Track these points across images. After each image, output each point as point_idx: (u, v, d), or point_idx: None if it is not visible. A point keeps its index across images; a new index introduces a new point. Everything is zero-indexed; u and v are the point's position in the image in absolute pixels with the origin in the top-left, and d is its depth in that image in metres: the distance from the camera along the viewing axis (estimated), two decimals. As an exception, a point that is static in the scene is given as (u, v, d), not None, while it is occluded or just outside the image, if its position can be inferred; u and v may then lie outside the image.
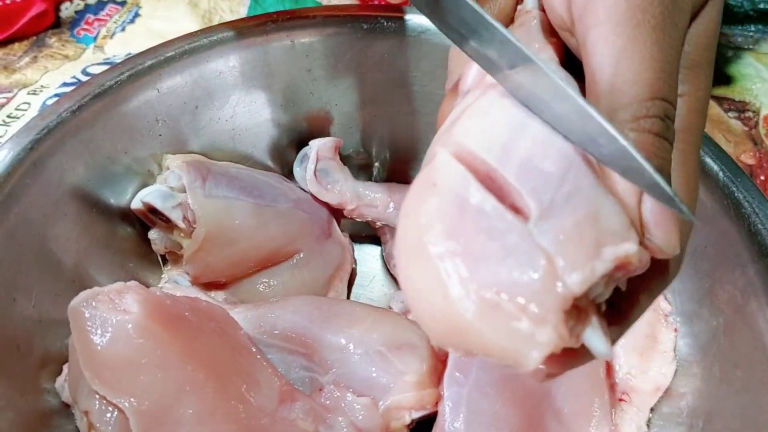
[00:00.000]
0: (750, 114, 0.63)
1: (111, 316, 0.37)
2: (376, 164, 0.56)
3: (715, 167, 0.40)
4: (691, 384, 0.41)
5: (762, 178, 0.57)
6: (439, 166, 0.24)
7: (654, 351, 0.43)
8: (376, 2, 0.68)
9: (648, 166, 0.21)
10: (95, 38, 0.74)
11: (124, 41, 0.74)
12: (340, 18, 0.49)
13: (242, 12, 0.74)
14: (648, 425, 0.42)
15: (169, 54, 0.46)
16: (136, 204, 0.46)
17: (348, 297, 0.52)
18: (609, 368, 0.43)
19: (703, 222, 0.41)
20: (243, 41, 0.48)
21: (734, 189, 0.39)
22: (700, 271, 0.41)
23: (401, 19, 0.49)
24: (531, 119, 0.24)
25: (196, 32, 0.48)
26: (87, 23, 0.76)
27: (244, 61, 0.49)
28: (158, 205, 0.45)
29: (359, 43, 0.50)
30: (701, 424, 0.39)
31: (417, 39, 0.49)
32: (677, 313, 0.43)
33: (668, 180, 0.24)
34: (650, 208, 0.23)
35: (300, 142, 0.53)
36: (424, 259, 0.22)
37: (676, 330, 0.43)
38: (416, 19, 0.49)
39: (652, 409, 0.42)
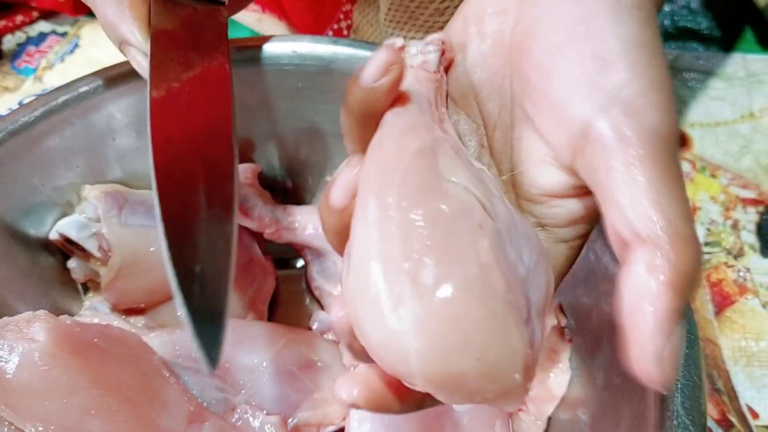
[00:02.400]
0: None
1: (18, 344, 0.39)
2: (299, 187, 0.58)
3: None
4: (583, 392, 0.43)
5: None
6: None
7: (550, 362, 0.45)
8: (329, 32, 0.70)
9: None
10: (35, 70, 0.76)
11: (63, 72, 0.75)
12: (252, 50, 0.51)
13: (179, 40, 0.76)
14: (546, 433, 0.44)
15: (83, 89, 0.48)
16: (53, 235, 0.48)
17: (270, 318, 0.54)
18: (509, 380, 0.45)
19: (593, 238, 0.43)
20: (158, 74, 0.50)
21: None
22: (589, 286, 0.44)
23: (313, 51, 0.51)
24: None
25: (111, 66, 0.49)
26: (28, 55, 0.78)
27: (161, 93, 0.50)
28: (73, 235, 0.47)
29: (273, 74, 0.52)
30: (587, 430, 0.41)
31: (326, 69, 0.51)
32: (573, 327, 0.45)
33: None
34: None
35: (221, 168, 0.54)
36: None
37: (570, 341, 0.45)
38: (327, 51, 0.51)
39: (550, 418, 0.44)
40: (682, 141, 0.64)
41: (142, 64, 0.40)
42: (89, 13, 0.78)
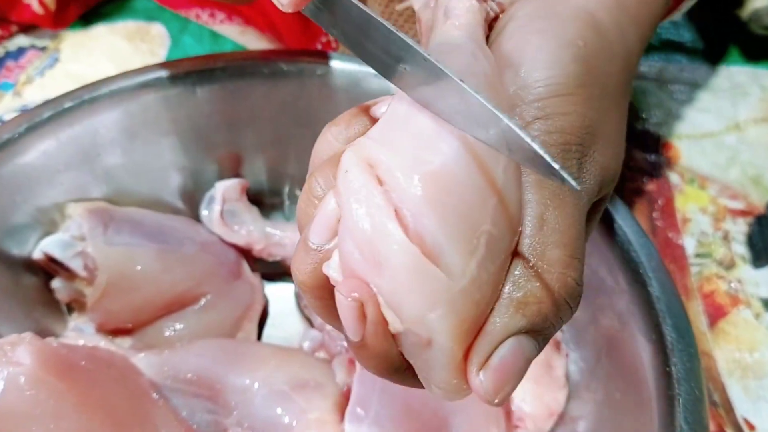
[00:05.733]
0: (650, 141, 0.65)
1: (2, 368, 0.38)
2: (287, 203, 0.57)
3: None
4: (583, 408, 0.43)
5: (660, 202, 0.59)
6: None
7: (547, 377, 0.44)
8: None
9: (528, 140, 0.21)
10: (15, 85, 0.74)
11: (42, 86, 0.74)
12: (240, 64, 0.50)
13: (162, 54, 0.75)
14: (544, 450, 0.43)
15: (68, 105, 0.47)
16: (37, 254, 0.47)
17: (260, 337, 0.53)
18: (506, 396, 0.44)
19: (588, 252, 0.42)
20: (144, 89, 0.49)
21: (615, 219, 0.41)
22: (585, 299, 0.43)
23: (301, 63, 0.51)
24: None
25: (97, 82, 0.48)
26: (7, 70, 0.76)
27: (147, 108, 0.49)
28: (57, 254, 0.46)
29: (261, 87, 0.51)
30: (588, 447, 0.40)
31: (317, 81, 0.51)
32: (568, 340, 0.45)
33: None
34: None
35: (209, 184, 0.54)
36: None
37: (567, 356, 0.44)
38: (316, 62, 0.51)
39: (548, 434, 0.44)
40: (670, 153, 0.64)
41: None
42: (70, 27, 0.77)
